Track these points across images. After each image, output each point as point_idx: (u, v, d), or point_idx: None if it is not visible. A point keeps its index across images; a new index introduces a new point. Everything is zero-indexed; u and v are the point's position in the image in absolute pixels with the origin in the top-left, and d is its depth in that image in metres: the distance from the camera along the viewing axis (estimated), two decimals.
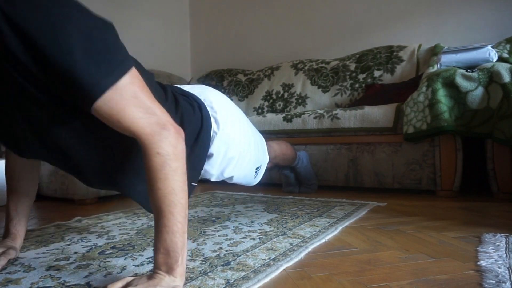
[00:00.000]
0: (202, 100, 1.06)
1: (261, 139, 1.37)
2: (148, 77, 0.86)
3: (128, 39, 3.30)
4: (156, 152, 0.67)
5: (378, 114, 1.91)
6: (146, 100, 0.67)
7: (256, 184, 1.40)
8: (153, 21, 3.34)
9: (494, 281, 0.71)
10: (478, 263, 0.82)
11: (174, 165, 0.68)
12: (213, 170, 1.10)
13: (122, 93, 0.63)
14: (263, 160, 1.35)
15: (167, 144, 0.67)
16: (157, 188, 0.67)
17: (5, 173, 0.95)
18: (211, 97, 1.10)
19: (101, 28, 0.64)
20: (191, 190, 1.02)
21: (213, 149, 1.06)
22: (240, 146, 1.14)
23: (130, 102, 0.64)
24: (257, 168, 1.30)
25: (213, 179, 1.14)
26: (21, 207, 0.94)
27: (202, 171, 1.08)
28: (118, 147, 0.79)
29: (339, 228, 1.17)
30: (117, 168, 0.84)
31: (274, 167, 1.84)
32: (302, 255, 0.91)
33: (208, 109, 1.05)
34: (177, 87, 1.06)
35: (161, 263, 0.67)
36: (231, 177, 1.18)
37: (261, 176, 1.36)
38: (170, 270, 0.66)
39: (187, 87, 1.11)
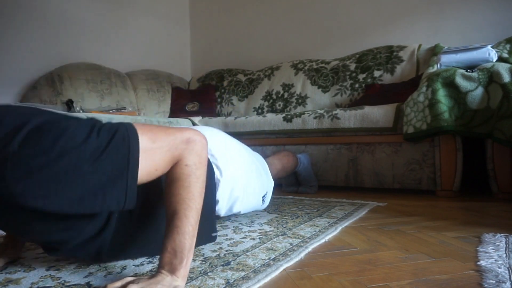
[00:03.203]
0: None
1: (262, 164, 1.41)
2: None
3: (128, 39, 3.33)
4: (184, 164, 0.71)
5: (378, 114, 1.91)
6: (160, 134, 0.70)
7: None
8: (153, 21, 3.34)
9: (494, 281, 0.71)
10: (478, 263, 0.82)
11: (198, 173, 0.73)
12: (222, 211, 1.15)
13: (143, 160, 0.66)
14: (268, 186, 1.38)
15: (194, 155, 0.72)
16: (178, 194, 0.70)
17: None
18: (210, 144, 1.11)
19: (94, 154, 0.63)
20: (213, 239, 1.03)
21: (218, 195, 1.09)
22: (243, 183, 1.18)
23: (153, 153, 0.68)
24: (263, 196, 1.34)
25: (222, 215, 1.18)
26: None
27: None
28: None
29: (339, 228, 1.17)
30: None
31: (277, 180, 1.86)
32: (302, 255, 0.91)
33: (209, 157, 1.08)
34: None
35: (166, 262, 0.67)
36: (239, 212, 1.24)
37: (268, 201, 1.41)
38: (173, 270, 0.67)
39: None
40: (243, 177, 1.19)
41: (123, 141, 0.64)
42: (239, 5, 3.42)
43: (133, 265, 0.85)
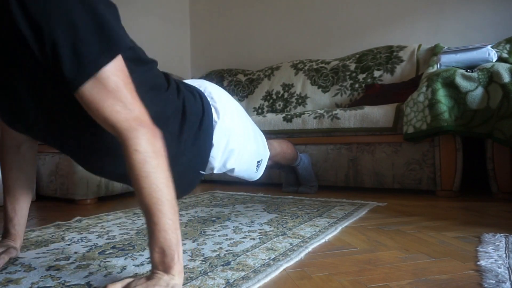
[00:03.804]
0: (202, 90, 1.08)
1: (261, 134, 1.38)
2: (150, 67, 0.87)
3: None
4: (134, 149, 0.66)
5: (378, 114, 1.91)
6: (128, 95, 0.66)
7: (256, 183, 1.40)
8: (153, 21, 3.34)
9: (494, 281, 0.71)
10: (478, 263, 0.82)
11: (154, 162, 0.67)
12: (215, 161, 1.10)
13: (106, 83, 0.63)
14: (264, 154, 1.35)
15: (145, 141, 0.67)
16: (141, 187, 0.66)
17: (1, 173, 0.94)
18: (210, 88, 1.12)
19: (106, 4, 0.66)
20: (199, 178, 1.03)
21: (214, 139, 1.06)
22: (240, 138, 1.14)
23: (111, 94, 0.64)
24: (258, 162, 1.30)
25: (215, 171, 1.14)
26: (19, 206, 0.94)
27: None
28: (104, 138, 0.79)
29: (339, 228, 1.17)
30: (101, 156, 0.86)
31: (274, 166, 1.84)
32: (302, 255, 0.91)
33: (208, 99, 1.07)
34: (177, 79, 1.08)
35: (158, 262, 0.66)
36: (233, 169, 1.17)
37: (262, 171, 1.37)
38: (167, 269, 0.66)
39: (187, 81, 1.13)
40: (241, 131, 1.14)
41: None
42: (239, 5, 3.43)
43: (133, 265, 0.85)
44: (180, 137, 0.94)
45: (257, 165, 1.31)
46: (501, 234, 1.04)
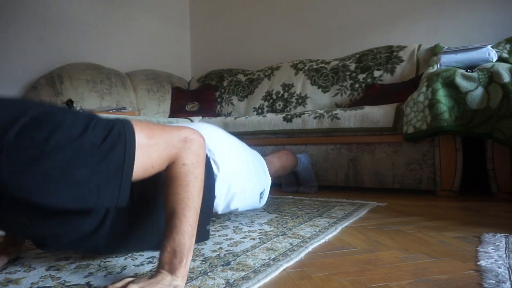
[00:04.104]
0: None
1: (260, 161, 1.40)
2: None
3: (128, 39, 3.33)
4: (182, 163, 0.71)
5: (378, 114, 1.91)
6: (157, 131, 0.69)
7: None
8: (153, 21, 3.34)
9: (494, 281, 0.71)
10: (478, 263, 0.82)
11: (196, 172, 0.72)
12: (219, 206, 1.13)
13: (139, 156, 0.65)
14: (266, 183, 1.37)
15: (191, 154, 0.72)
16: (176, 193, 0.70)
17: None
18: (206, 138, 1.11)
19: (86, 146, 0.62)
20: (207, 235, 1.04)
21: (216, 191, 1.08)
22: (241, 179, 1.17)
23: (149, 149, 0.67)
24: (261, 193, 1.33)
25: (219, 212, 1.17)
26: None
27: None
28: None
29: (339, 228, 1.17)
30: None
31: (276, 179, 1.86)
32: (302, 255, 0.91)
33: (206, 151, 1.06)
34: None
35: (166, 262, 0.67)
36: (237, 209, 1.22)
37: (266, 199, 1.39)
38: (173, 270, 0.67)
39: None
40: (241, 173, 1.18)
41: (119, 137, 0.63)
42: (239, 5, 3.42)
43: (133, 265, 0.85)
44: None
45: (260, 196, 1.33)
46: (501, 234, 1.04)
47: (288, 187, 2.05)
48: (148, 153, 0.67)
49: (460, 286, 0.71)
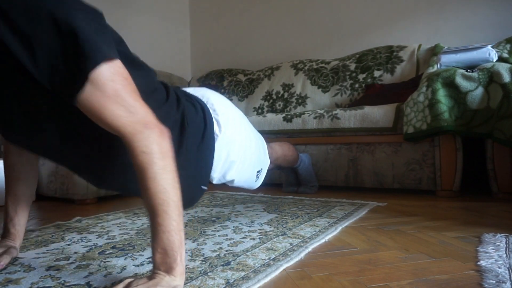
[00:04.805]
0: (205, 102, 1.06)
1: (262, 141, 1.37)
2: (148, 74, 0.86)
3: (128, 39, 3.30)
4: (141, 150, 0.66)
5: (378, 114, 1.91)
6: (128, 98, 0.66)
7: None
8: (153, 21, 3.34)
9: (494, 281, 0.71)
10: (478, 263, 0.82)
11: (162, 163, 0.67)
12: (215, 173, 1.09)
13: (103, 89, 0.63)
14: (264, 163, 1.34)
15: (152, 142, 0.67)
16: (147, 188, 0.66)
17: (4, 173, 0.95)
18: (213, 99, 1.10)
19: (94, 13, 0.66)
20: (201, 193, 1.02)
21: (215, 152, 1.05)
22: (241, 149, 1.13)
23: (111, 99, 0.64)
24: (258, 172, 1.30)
25: (214, 182, 1.13)
26: (20, 206, 0.94)
27: None
28: (106, 146, 0.79)
29: (339, 228, 1.17)
30: (105, 168, 0.85)
31: (275, 168, 1.84)
32: (302, 255, 0.91)
33: (210, 111, 1.05)
34: (180, 89, 1.06)
35: (160, 263, 0.66)
36: (233, 180, 1.17)
37: (262, 180, 1.36)
38: (169, 270, 0.66)
39: (189, 90, 1.10)
40: (242, 142, 1.14)
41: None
42: (239, 5, 3.42)
43: (133, 265, 0.85)
44: (179, 150, 0.91)
45: (257, 175, 1.30)
46: (501, 234, 1.04)
47: (288, 187, 2.05)
48: (108, 94, 0.63)
49: (460, 286, 0.71)
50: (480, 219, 1.28)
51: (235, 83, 3.08)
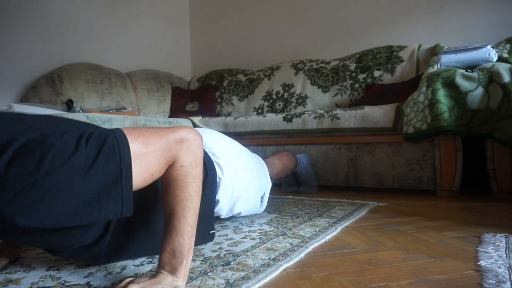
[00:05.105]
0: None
1: (262, 165, 1.41)
2: None
3: (128, 39, 3.33)
4: (180, 165, 0.70)
5: (378, 114, 1.91)
6: (152, 137, 0.68)
7: None
8: (153, 21, 3.34)
9: (494, 281, 0.71)
10: (478, 263, 0.82)
11: (194, 172, 0.72)
12: (223, 211, 1.15)
13: (137, 166, 0.65)
14: (266, 187, 1.39)
15: (189, 155, 0.71)
16: (175, 195, 0.70)
17: None
18: (210, 142, 1.13)
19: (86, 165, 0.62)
20: (211, 238, 1.03)
21: (219, 195, 1.09)
22: (244, 183, 1.18)
23: (147, 158, 0.66)
24: (261, 197, 1.34)
25: (223, 217, 1.19)
26: None
27: None
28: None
29: (339, 228, 1.17)
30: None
31: (277, 181, 1.87)
32: (302, 255, 0.91)
33: (210, 155, 1.08)
34: None
35: (166, 262, 0.68)
36: (240, 213, 1.23)
37: (266, 203, 1.40)
38: (173, 271, 0.67)
39: None
40: (244, 177, 1.19)
41: (113, 149, 0.62)
42: (239, 5, 3.42)
43: (133, 265, 0.85)
44: None
45: (261, 200, 1.35)
46: (501, 234, 1.04)
47: (288, 187, 2.05)
48: (146, 162, 0.66)
49: (460, 286, 0.71)
50: (480, 219, 1.28)
51: (235, 83, 3.08)
